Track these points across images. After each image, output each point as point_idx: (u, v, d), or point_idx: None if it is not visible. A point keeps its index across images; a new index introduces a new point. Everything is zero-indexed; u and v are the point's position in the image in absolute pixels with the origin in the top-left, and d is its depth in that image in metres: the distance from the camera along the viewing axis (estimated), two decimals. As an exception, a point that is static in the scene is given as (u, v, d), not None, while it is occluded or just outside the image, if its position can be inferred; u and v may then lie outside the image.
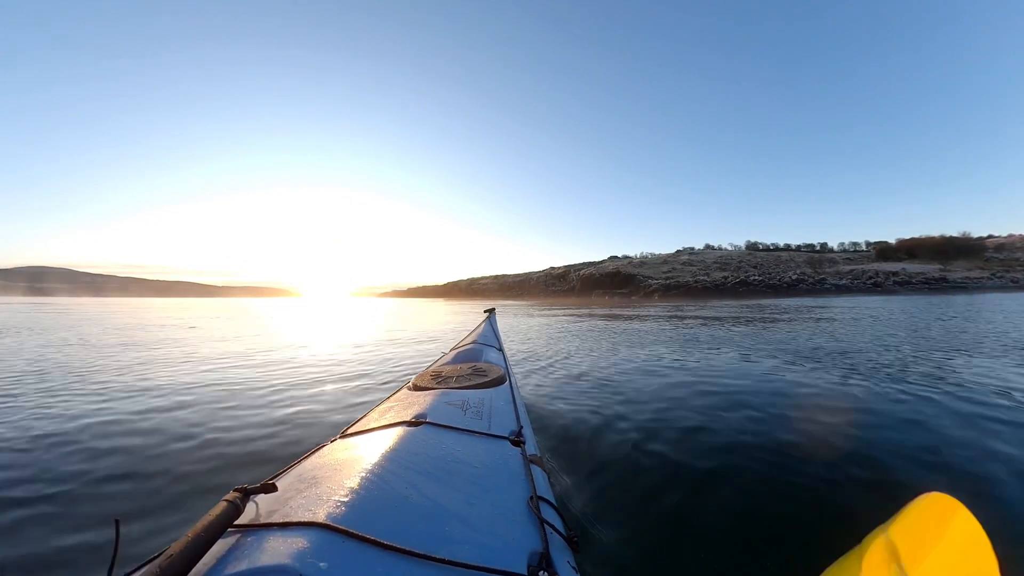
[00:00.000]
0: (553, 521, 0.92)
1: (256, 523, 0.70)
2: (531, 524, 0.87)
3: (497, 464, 1.12)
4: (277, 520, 0.70)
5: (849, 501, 1.70)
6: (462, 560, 0.68)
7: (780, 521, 1.60)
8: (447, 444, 1.15)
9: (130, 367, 4.81)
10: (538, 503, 0.94)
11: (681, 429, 2.48)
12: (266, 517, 0.72)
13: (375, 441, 1.10)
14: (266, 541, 0.65)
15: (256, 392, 3.56)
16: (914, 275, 61.05)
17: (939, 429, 2.42)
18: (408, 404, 1.52)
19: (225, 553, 0.63)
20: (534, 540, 0.82)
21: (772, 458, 2.07)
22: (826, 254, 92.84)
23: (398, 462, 0.96)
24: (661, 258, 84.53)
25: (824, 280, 57.36)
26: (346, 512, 0.72)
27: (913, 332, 7.62)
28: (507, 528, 0.84)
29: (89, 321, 13.52)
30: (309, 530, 0.67)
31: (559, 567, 0.77)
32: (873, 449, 2.14)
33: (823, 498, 1.73)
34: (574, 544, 0.90)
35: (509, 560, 0.73)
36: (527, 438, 1.39)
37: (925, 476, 1.91)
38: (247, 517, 0.72)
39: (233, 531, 0.68)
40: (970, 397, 3.06)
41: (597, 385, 3.75)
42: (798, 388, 3.48)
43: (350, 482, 0.82)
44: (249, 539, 0.66)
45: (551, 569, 0.75)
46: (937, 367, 4.20)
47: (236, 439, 2.43)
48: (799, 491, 1.78)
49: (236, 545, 0.65)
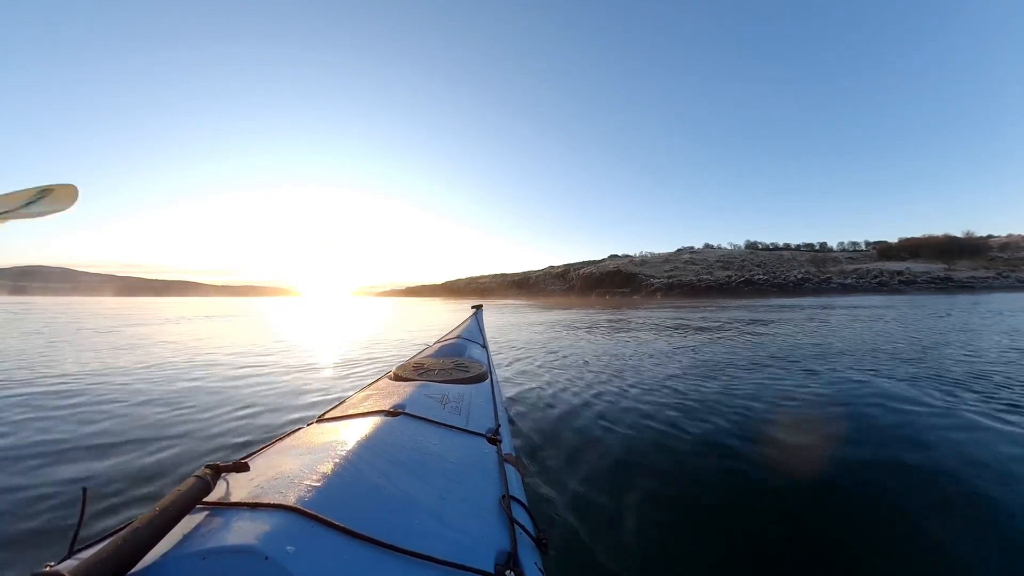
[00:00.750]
0: (523, 521, 0.92)
1: (225, 502, 0.69)
2: (501, 523, 0.86)
3: (472, 460, 1.11)
4: (247, 500, 0.69)
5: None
6: (430, 554, 0.67)
7: (755, 531, 1.59)
8: (423, 436, 1.14)
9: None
10: (509, 502, 0.93)
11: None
12: (236, 496, 0.71)
13: (352, 428, 1.09)
14: (234, 521, 0.63)
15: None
16: (919, 274, 60.64)
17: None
18: (388, 393, 1.50)
19: (192, 530, 0.62)
20: (503, 539, 0.81)
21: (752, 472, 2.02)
22: (828, 253, 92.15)
23: (373, 451, 0.95)
24: (662, 257, 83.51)
25: (830, 279, 56.58)
26: (317, 497, 0.71)
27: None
28: (477, 525, 0.83)
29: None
30: (278, 512, 0.65)
31: (526, 567, 0.76)
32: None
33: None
34: (543, 545, 0.90)
35: (477, 557, 0.72)
36: (503, 437, 1.37)
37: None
38: (217, 495, 0.72)
39: (202, 508, 0.67)
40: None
41: (586, 388, 3.56)
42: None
43: (323, 467, 0.81)
44: (217, 518, 0.65)
45: (518, 569, 0.74)
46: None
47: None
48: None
49: (203, 522, 0.64)
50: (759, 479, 1.93)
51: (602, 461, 2.11)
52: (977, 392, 3.12)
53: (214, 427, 2.65)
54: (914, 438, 2.28)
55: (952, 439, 2.25)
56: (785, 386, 3.45)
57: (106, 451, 2.27)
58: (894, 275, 61.64)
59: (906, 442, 2.23)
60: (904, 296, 32.30)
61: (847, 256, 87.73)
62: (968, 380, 3.51)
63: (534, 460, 2.13)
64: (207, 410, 2.99)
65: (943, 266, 67.42)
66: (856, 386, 3.39)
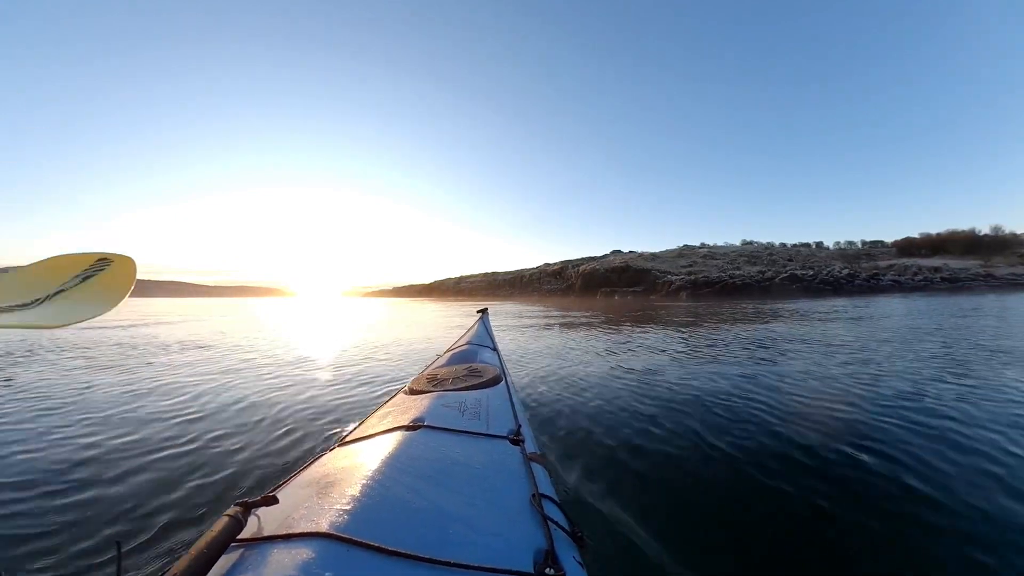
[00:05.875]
0: (557, 518, 0.92)
1: (259, 536, 0.69)
2: (534, 522, 0.86)
3: (497, 464, 1.11)
4: (280, 532, 0.69)
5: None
6: (467, 562, 0.67)
7: (807, 517, 1.67)
8: (446, 446, 1.14)
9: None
10: (540, 500, 0.93)
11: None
12: (269, 530, 0.72)
13: (374, 447, 1.10)
14: (270, 554, 0.64)
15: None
16: (959, 271, 54.88)
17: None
18: (405, 409, 1.51)
19: (229, 569, 0.62)
20: (538, 538, 0.81)
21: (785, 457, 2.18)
22: (860, 249, 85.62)
23: (398, 467, 0.95)
24: (675, 251, 74.85)
25: (877, 275, 49.03)
26: (348, 520, 0.72)
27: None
28: (511, 527, 0.83)
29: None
30: (312, 540, 0.66)
31: (565, 563, 0.75)
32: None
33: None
34: (579, 540, 0.90)
35: (514, 559, 0.72)
36: (526, 436, 1.38)
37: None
38: (249, 531, 0.72)
39: (236, 546, 0.68)
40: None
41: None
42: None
43: (351, 490, 0.82)
44: (253, 553, 0.65)
45: (557, 566, 0.74)
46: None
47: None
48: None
49: (240, 560, 0.64)
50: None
51: (632, 455, 2.20)
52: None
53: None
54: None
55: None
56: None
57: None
58: (935, 272, 55.88)
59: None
60: (958, 296, 26.77)
61: (864, 252, 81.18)
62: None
63: (559, 455, 2.22)
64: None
65: (978, 262, 62.46)
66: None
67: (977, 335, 6.98)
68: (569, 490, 1.82)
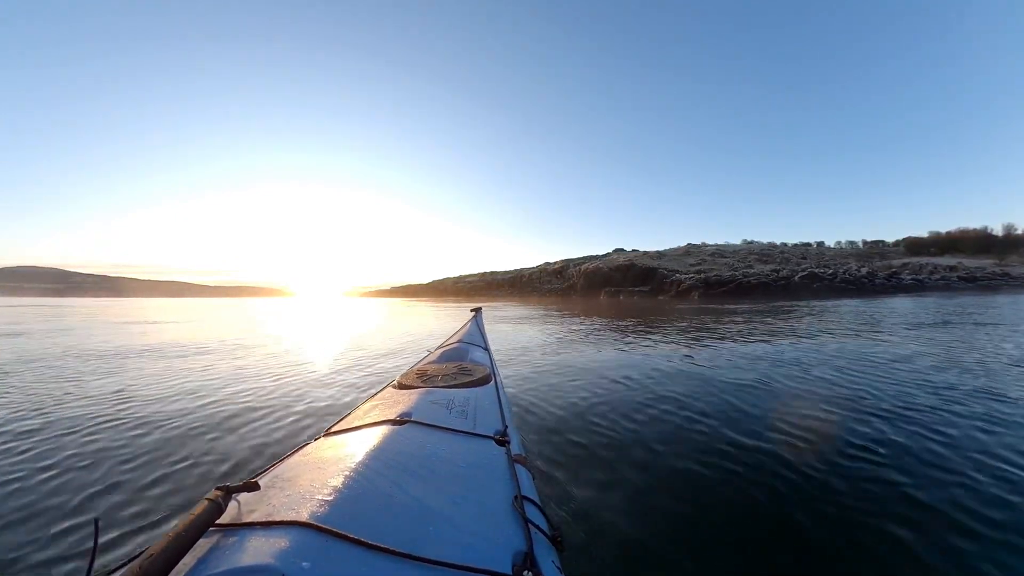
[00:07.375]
0: (537, 521, 0.91)
1: (238, 522, 0.69)
2: (516, 524, 0.86)
3: (482, 463, 1.10)
4: (259, 519, 0.69)
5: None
6: (447, 560, 0.67)
7: (777, 527, 1.66)
8: (432, 443, 1.13)
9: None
10: (522, 503, 0.92)
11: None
12: (248, 516, 0.71)
13: (359, 440, 1.08)
14: (248, 540, 0.64)
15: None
16: (975, 270, 53.02)
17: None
18: (393, 403, 1.51)
19: (207, 553, 0.62)
20: (518, 540, 0.81)
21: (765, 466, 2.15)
22: (873, 248, 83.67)
23: (382, 461, 0.94)
24: (681, 249, 72.18)
25: (898, 275, 46.75)
26: (329, 511, 0.71)
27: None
28: (492, 528, 0.82)
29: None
30: (292, 529, 0.66)
31: (543, 567, 0.76)
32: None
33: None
34: (558, 543, 0.89)
35: (494, 560, 0.72)
36: (512, 438, 1.37)
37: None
38: (229, 516, 0.72)
39: (215, 530, 0.68)
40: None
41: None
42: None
43: (334, 481, 0.81)
44: (231, 538, 0.65)
45: (535, 569, 0.74)
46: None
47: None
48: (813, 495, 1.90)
49: (218, 545, 0.64)
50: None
51: (614, 460, 2.21)
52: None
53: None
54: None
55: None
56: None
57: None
58: (950, 271, 54.01)
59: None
60: (996, 295, 25.59)
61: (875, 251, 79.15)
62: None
63: (542, 458, 2.22)
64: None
65: (993, 261, 60.83)
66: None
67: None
68: (551, 494, 1.85)
